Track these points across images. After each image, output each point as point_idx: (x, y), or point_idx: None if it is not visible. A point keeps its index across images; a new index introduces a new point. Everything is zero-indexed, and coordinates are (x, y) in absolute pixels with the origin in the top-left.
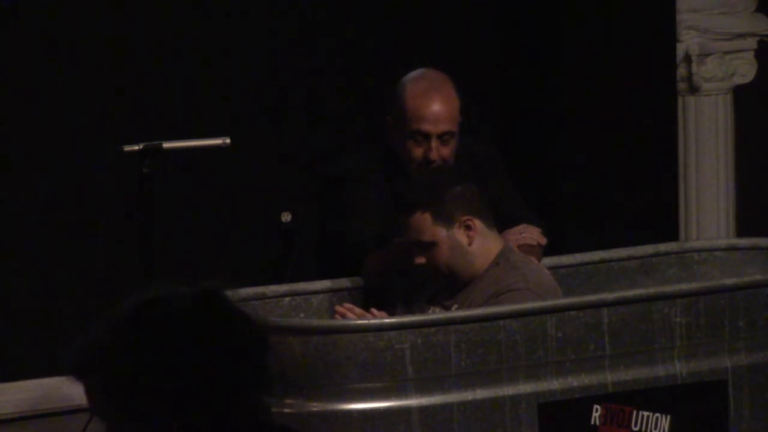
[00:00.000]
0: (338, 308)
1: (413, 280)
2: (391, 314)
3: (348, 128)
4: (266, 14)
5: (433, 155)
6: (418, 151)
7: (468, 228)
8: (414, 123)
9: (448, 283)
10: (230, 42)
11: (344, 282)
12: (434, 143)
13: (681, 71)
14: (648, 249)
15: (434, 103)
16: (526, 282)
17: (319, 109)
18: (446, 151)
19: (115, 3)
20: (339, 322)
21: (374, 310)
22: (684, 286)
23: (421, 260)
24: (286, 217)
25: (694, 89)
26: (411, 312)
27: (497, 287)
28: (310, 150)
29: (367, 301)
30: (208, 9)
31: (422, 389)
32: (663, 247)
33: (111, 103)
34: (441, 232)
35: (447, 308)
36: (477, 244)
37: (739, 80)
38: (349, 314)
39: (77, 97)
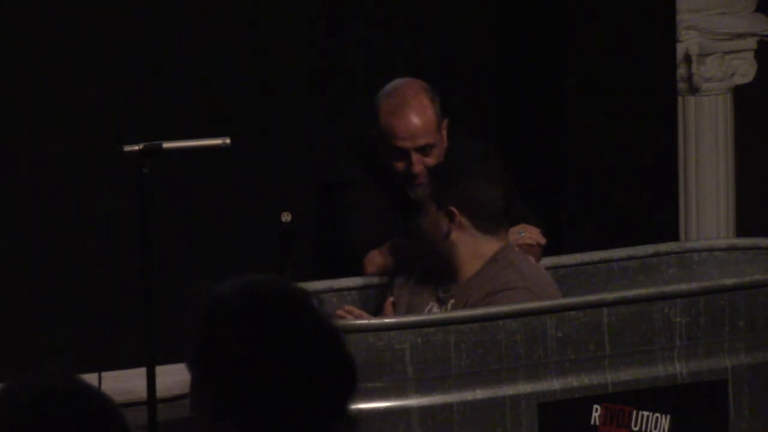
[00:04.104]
0: (339, 312)
1: (413, 277)
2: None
3: (347, 129)
4: (266, 14)
5: (415, 168)
6: (399, 166)
7: (449, 219)
8: (390, 140)
9: (442, 274)
10: (230, 42)
11: (345, 282)
12: (414, 157)
13: (681, 71)
14: (648, 249)
15: (407, 119)
16: (525, 281)
17: (319, 110)
18: (429, 161)
19: (115, 2)
20: (339, 322)
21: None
22: (684, 286)
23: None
24: (286, 217)
25: (694, 89)
26: (410, 309)
27: (494, 285)
28: (309, 150)
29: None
30: (208, 9)
31: (422, 389)
32: (663, 247)
33: (111, 103)
34: (433, 206)
35: (443, 301)
36: (461, 241)
37: (739, 80)
38: (350, 316)
39: (77, 97)
